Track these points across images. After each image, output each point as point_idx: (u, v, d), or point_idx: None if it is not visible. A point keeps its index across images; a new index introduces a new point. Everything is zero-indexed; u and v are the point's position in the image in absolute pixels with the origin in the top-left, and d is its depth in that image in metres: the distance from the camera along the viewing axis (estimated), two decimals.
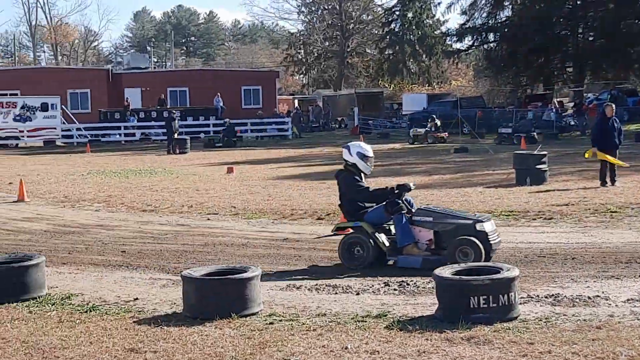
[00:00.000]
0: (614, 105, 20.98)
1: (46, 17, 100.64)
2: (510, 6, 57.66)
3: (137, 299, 9.44)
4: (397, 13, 67.80)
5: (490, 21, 58.30)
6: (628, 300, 8.66)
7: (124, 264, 11.79)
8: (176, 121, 40.48)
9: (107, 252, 12.88)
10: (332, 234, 12.19)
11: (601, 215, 14.96)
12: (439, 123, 40.27)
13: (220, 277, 8.54)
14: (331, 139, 46.51)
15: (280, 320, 8.24)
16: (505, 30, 57.05)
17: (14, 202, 20.10)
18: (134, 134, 49.83)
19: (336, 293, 9.48)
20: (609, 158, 19.20)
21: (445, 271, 8.26)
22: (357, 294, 9.41)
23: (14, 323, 8.44)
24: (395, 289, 9.56)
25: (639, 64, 54.32)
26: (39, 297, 9.47)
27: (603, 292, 9.02)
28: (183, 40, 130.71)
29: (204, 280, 8.49)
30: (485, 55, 60.61)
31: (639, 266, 10.44)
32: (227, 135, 43.68)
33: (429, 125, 40.60)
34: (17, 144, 48.62)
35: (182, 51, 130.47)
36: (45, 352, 7.38)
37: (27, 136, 49.44)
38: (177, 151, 37.63)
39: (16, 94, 53.06)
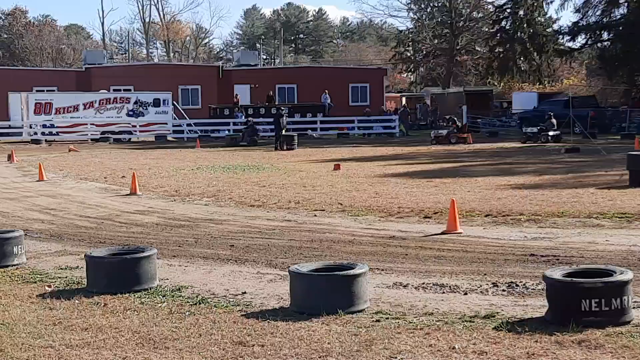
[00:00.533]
0: None
1: (159, 15, 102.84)
2: (626, 4, 56.26)
3: (245, 292, 9.55)
4: (508, 10, 66.82)
5: (604, 19, 57.02)
6: None
7: (232, 257, 11.93)
8: (284, 118, 40.79)
9: (216, 245, 13.06)
10: None
11: None
12: (554, 122, 39.63)
13: (328, 273, 8.57)
14: None
15: (387, 318, 8.22)
16: (620, 28, 55.71)
17: (126, 195, 20.59)
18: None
19: (443, 292, 9.41)
20: None
21: (556, 273, 8.11)
22: (465, 293, 9.31)
23: (126, 313, 8.63)
24: (503, 290, 9.42)
25: None
26: (150, 289, 9.67)
27: None
28: (292, 38, 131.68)
29: (312, 275, 8.53)
30: (599, 54, 59.27)
31: None
32: (250, 135, 43.53)
33: (546, 124, 39.97)
34: (129, 139, 49.78)
35: (291, 48, 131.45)
36: (156, 343, 7.53)
37: (140, 131, 50.57)
38: (285, 147, 37.94)
39: (130, 90, 54.38)
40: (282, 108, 44.80)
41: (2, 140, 48.16)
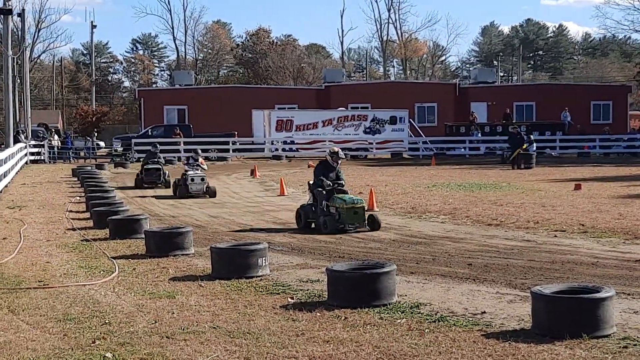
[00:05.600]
0: None
1: (397, 33, 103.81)
2: None
3: (484, 312, 9.42)
4: None
5: None
6: None
7: (470, 276, 11.81)
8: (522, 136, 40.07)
9: (453, 263, 12.98)
10: None
11: None
12: None
13: (573, 296, 8.31)
14: None
15: (635, 345, 7.86)
16: None
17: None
18: (478, 148, 50.06)
19: None
20: None
21: None
22: None
23: (366, 328, 8.73)
24: None
25: None
26: (389, 304, 9.72)
27: None
28: (530, 54, 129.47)
29: (556, 297, 8.29)
30: None
31: None
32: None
33: None
34: (366, 156, 50.56)
35: (529, 65, 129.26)
36: (395, 358, 7.56)
37: (376, 148, 51.25)
38: (522, 166, 37.29)
39: (367, 108, 55.25)
40: (517, 127, 43.91)
41: (245, 155, 50.20)
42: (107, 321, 9.18)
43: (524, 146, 38.78)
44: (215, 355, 7.74)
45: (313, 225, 17.53)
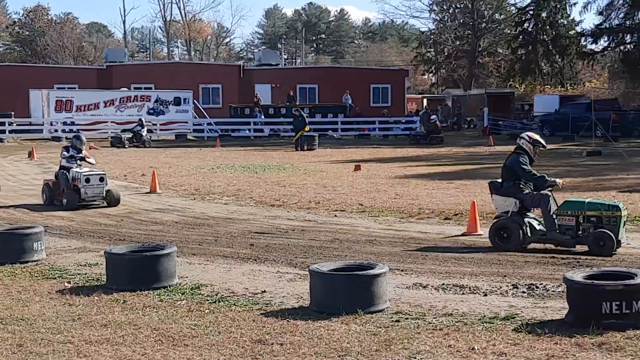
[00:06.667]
0: None
1: (181, 13, 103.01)
2: None
3: (264, 291, 9.55)
4: (531, 12, 66.39)
5: (627, 22, 56.63)
6: None
7: (252, 257, 11.93)
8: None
9: (235, 244, 13.07)
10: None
11: None
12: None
13: (348, 273, 8.56)
14: (459, 139, 46.12)
15: (407, 319, 8.20)
16: None
17: (146, 193, 20.65)
18: (262, 130, 50.47)
19: (463, 293, 9.38)
20: None
21: (577, 275, 8.06)
22: (485, 295, 9.28)
23: (145, 310, 8.65)
24: (523, 292, 9.39)
25: None
26: (169, 287, 9.69)
27: None
28: (313, 38, 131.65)
29: (332, 275, 8.52)
30: (622, 56, 58.90)
31: None
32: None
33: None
34: (149, 137, 49.84)
35: (312, 48, 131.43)
36: (175, 340, 7.54)
37: (160, 129, 50.64)
38: (305, 147, 37.91)
39: (150, 88, 54.48)
40: (300, 109, 44.61)
41: (23, 137, 48.36)
42: None
43: (307, 128, 39.44)
44: None
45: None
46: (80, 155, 18.64)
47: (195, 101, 52.79)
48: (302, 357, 6.92)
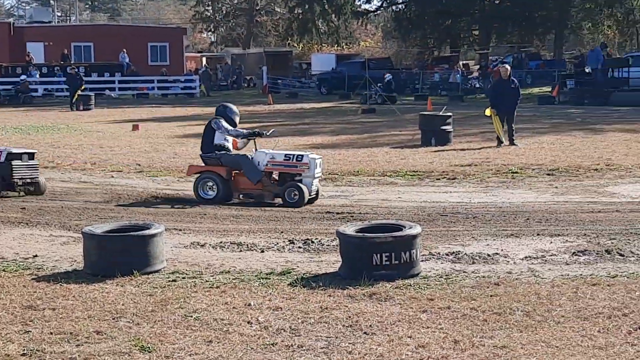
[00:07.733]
0: (508, 67, 21.51)
1: None
2: None
3: (36, 256, 9.25)
4: None
5: None
6: (526, 257, 8.86)
7: (24, 220, 11.52)
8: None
9: (6, 208, 12.56)
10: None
11: (503, 175, 15.27)
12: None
13: (122, 234, 8.44)
14: (239, 98, 46.23)
15: (184, 278, 8.19)
16: None
17: None
18: (36, 90, 48.64)
19: (240, 251, 9.46)
20: (495, 123, 19.84)
21: (349, 229, 8.30)
22: (262, 251, 9.40)
23: None
24: (300, 247, 9.58)
25: (542, 28, 55.43)
26: None
27: (502, 250, 9.20)
28: None
29: (106, 237, 8.37)
30: (394, 16, 60.85)
31: (537, 225, 10.68)
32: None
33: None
34: None
35: (87, 5, 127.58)
36: None
37: None
38: (81, 108, 36.88)
39: None
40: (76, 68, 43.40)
41: None
42: None
43: (83, 87, 38.36)
44: None
45: None
46: None
47: None
48: (75, 321, 6.74)
